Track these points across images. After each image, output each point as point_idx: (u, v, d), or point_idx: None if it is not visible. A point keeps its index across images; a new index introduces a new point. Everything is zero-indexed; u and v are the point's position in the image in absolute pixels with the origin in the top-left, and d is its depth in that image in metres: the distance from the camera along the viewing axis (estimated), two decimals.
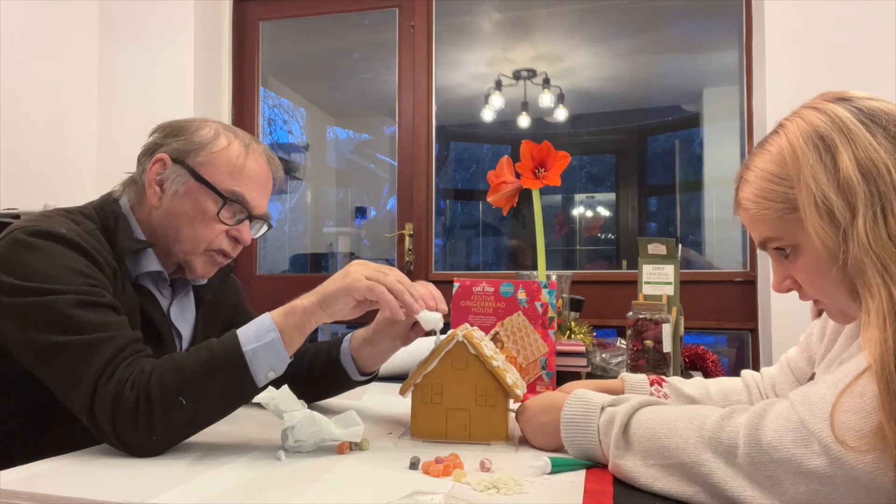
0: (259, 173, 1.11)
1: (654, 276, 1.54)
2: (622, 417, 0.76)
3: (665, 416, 0.73)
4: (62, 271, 0.90)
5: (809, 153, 0.71)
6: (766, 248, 0.81)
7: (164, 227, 1.08)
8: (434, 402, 0.91)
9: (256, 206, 1.10)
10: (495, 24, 3.89)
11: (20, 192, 2.45)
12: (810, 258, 0.75)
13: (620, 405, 0.78)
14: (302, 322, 0.90)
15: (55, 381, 0.88)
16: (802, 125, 0.74)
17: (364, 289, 0.90)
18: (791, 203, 0.74)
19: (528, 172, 1.58)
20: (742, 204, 0.81)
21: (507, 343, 1.33)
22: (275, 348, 0.87)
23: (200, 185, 1.06)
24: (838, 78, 2.28)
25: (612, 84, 4.63)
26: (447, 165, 5.38)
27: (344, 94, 4.58)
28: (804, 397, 0.65)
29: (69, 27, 2.79)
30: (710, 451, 0.67)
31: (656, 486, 0.71)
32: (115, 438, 0.83)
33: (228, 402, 0.88)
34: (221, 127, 1.12)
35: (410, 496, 0.69)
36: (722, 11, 3.03)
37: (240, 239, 1.11)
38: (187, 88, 2.82)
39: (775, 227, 0.77)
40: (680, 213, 4.73)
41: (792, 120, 0.76)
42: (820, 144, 0.71)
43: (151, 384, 0.83)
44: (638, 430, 0.74)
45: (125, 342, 0.88)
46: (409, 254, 2.86)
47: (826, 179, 0.69)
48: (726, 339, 3.57)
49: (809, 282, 0.77)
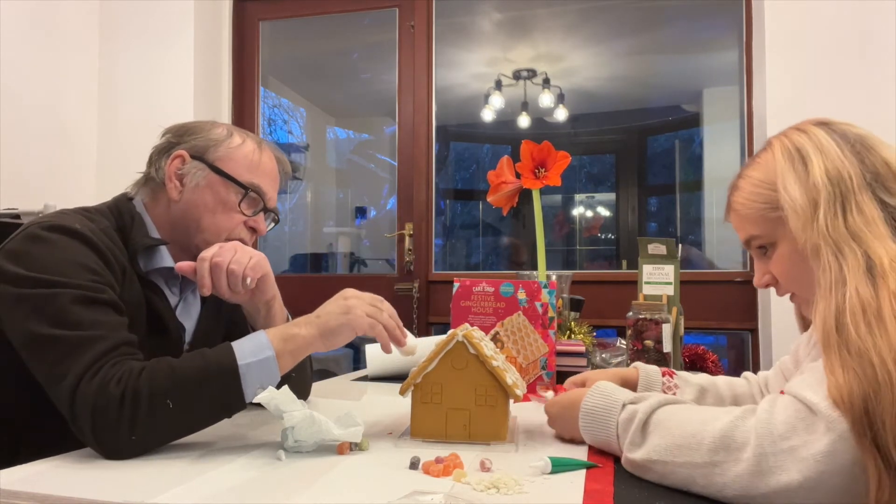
0: (272, 169, 1.18)
1: (654, 276, 1.54)
2: (641, 416, 0.79)
3: (682, 416, 0.76)
4: (69, 265, 0.91)
5: (786, 163, 0.85)
6: (749, 246, 0.93)
7: (185, 219, 1.11)
8: (434, 402, 0.91)
9: (271, 198, 1.17)
10: (495, 24, 3.89)
11: (20, 192, 2.45)
12: (785, 251, 0.87)
13: (641, 402, 0.81)
14: (299, 350, 0.95)
15: (43, 374, 0.88)
16: (786, 141, 0.88)
17: (367, 326, 0.97)
18: (772, 204, 0.86)
19: (528, 172, 1.58)
20: (733, 206, 0.93)
21: (507, 343, 1.33)
22: (268, 366, 0.90)
23: (221, 178, 1.11)
24: (838, 78, 2.29)
25: (612, 84, 4.63)
26: (447, 165, 5.38)
27: (344, 94, 4.57)
28: (798, 385, 0.70)
29: (69, 27, 2.79)
30: (723, 450, 0.69)
31: (665, 481, 0.74)
32: (92, 435, 0.82)
33: (213, 413, 0.89)
34: (233, 128, 1.18)
35: (410, 496, 0.69)
36: (722, 11, 3.03)
37: (257, 229, 1.16)
38: (187, 88, 2.82)
39: (758, 225, 0.89)
40: (680, 213, 4.73)
41: (778, 138, 0.90)
42: (796, 156, 0.85)
43: (141, 382, 0.83)
44: (655, 428, 0.77)
45: (117, 343, 0.88)
46: (409, 254, 2.86)
47: (797, 183, 0.82)
48: (726, 339, 3.57)
49: (783, 273, 0.89)
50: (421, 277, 2.83)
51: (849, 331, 0.69)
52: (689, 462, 0.71)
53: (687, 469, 0.72)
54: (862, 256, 0.74)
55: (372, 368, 1.57)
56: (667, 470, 0.74)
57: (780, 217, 0.85)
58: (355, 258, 4.07)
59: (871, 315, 0.69)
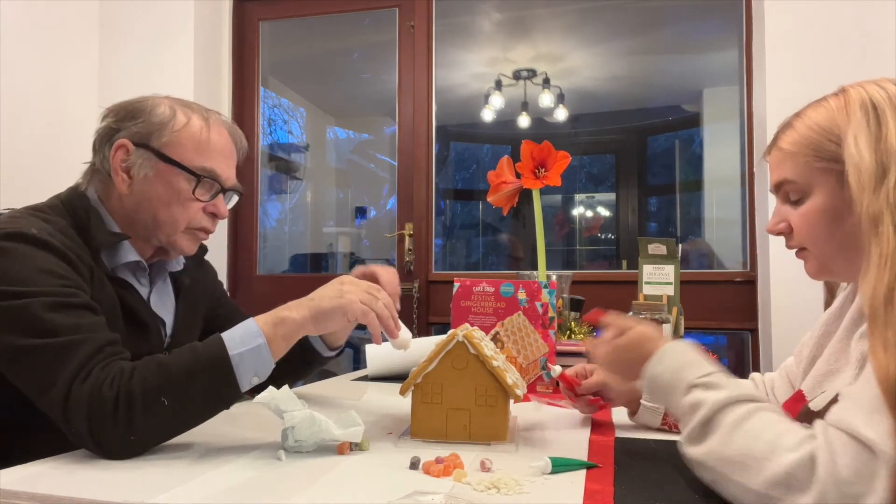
0: (224, 144, 1.11)
1: (654, 276, 1.54)
2: (707, 412, 0.73)
3: (750, 428, 0.70)
4: (35, 273, 0.88)
5: (861, 117, 0.78)
6: (779, 190, 0.87)
7: (139, 213, 1.06)
8: (434, 402, 0.91)
9: (227, 177, 1.10)
10: (495, 24, 3.89)
11: (20, 192, 2.45)
12: (818, 205, 0.82)
13: (710, 391, 0.75)
14: (291, 334, 0.92)
15: (29, 385, 0.86)
16: (862, 93, 0.80)
17: (360, 313, 0.95)
18: (826, 154, 0.80)
19: (528, 172, 1.58)
20: (779, 144, 0.87)
21: (507, 343, 1.33)
22: (261, 354, 0.88)
23: (170, 166, 1.05)
24: (838, 78, 2.27)
25: (612, 84, 4.63)
26: (447, 165, 5.38)
27: (344, 94, 4.57)
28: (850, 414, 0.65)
29: (69, 27, 2.79)
30: (783, 486, 0.64)
31: (716, 487, 0.70)
32: (91, 439, 0.81)
33: (210, 406, 0.88)
34: (175, 102, 1.10)
35: (410, 496, 0.68)
36: (722, 11, 3.03)
37: (217, 213, 1.11)
38: (187, 89, 2.82)
39: (799, 171, 0.83)
40: (680, 213, 4.73)
41: (853, 87, 0.83)
42: (871, 112, 0.77)
43: (133, 383, 0.82)
44: (718, 429, 0.72)
45: (100, 344, 0.86)
46: (409, 254, 2.86)
47: (868, 142, 0.76)
48: (726, 339, 3.57)
49: (806, 227, 0.84)
50: (421, 277, 2.83)
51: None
52: (742, 484, 0.67)
53: (739, 490, 0.67)
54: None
55: (372, 368, 1.57)
56: (719, 479, 0.70)
57: (826, 168, 0.80)
58: (355, 258, 4.07)
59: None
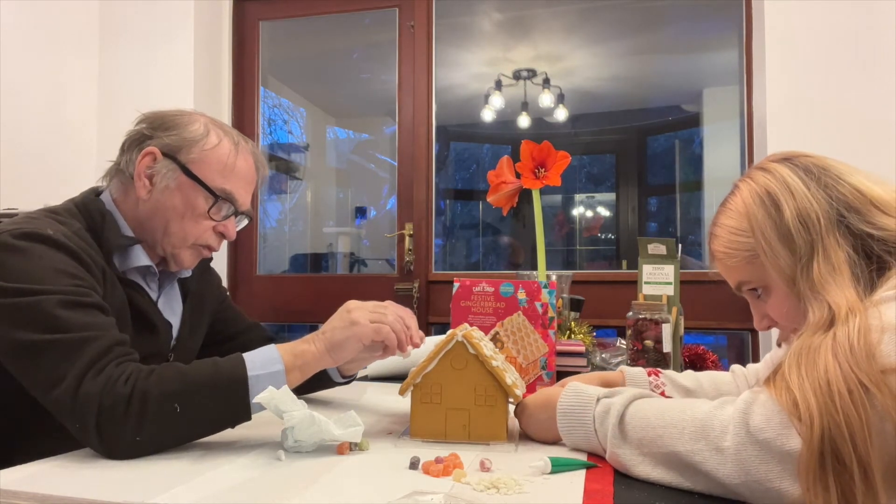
0: (247, 172, 1.14)
1: (654, 276, 1.54)
2: (618, 408, 0.80)
3: (659, 407, 0.78)
4: (48, 272, 0.89)
5: (758, 209, 0.84)
6: (741, 290, 0.93)
7: (151, 220, 1.09)
8: (434, 402, 0.91)
9: (243, 202, 1.14)
10: (495, 24, 3.89)
11: (20, 192, 2.45)
12: (779, 295, 0.86)
13: (616, 396, 0.82)
14: (308, 366, 0.95)
15: (36, 381, 0.86)
16: (753, 185, 0.87)
17: (372, 332, 0.97)
18: (753, 250, 0.85)
19: (528, 172, 1.58)
20: (716, 255, 0.93)
21: (507, 343, 1.33)
22: (276, 380, 0.90)
23: (192, 181, 1.07)
24: (837, 78, 2.29)
25: (612, 84, 4.63)
26: (447, 165, 5.38)
27: (344, 94, 4.57)
28: None
29: (69, 27, 2.79)
30: (703, 440, 0.71)
31: (652, 475, 0.75)
32: (96, 434, 0.81)
33: (218, 421, 0.88)
34: (211, 122, 1.14)
35: (410, 496, 0.69)
36: (722, 11, 3.03)
37: (226, 234, 1.14)
38: (187, 88, 2.82)
39: (744, 272, 0.89)
40: (680, 213, 4.73)
41: (744, 181, 0.89)
42: (767, 200, 0.84)
43: (150, 383, 0.83)
44: (633, 421, 0.78)
45: (110, 343, 0.87)
46: (409, 254, 2.86)
47: (774, 231, 0.82)
48: (726, 339, 3.57)
49: (783, 316, 0.87)
50: (421, 277, 2.83)
51: None
52: (672, 450, 0.73)
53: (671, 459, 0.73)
54: (826, 308, 0.74)
55: (372, 368, 1.57)
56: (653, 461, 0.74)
57: (763, 261, 0.85)
58: (355, 258, 4.07)
59: None
